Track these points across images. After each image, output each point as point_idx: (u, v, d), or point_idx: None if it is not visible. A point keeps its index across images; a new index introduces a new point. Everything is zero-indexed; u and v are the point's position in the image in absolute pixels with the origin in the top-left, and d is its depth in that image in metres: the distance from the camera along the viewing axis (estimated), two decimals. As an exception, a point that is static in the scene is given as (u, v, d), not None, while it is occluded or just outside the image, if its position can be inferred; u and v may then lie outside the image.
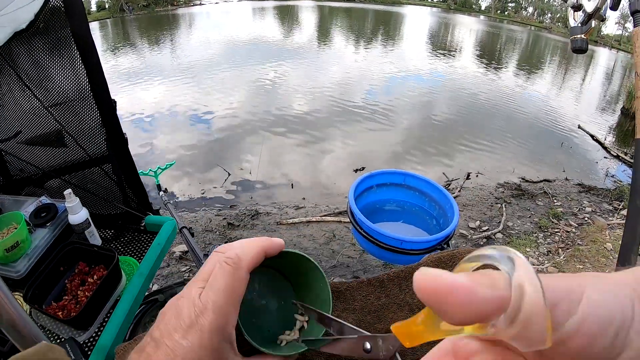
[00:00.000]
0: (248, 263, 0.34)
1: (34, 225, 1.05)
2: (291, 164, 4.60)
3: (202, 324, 0.30)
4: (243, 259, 0.34)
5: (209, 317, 0.31)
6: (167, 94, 6.57)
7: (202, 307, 0.31)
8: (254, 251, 0.35)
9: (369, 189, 1.54)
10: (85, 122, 1.12)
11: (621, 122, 7.58)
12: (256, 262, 0.35)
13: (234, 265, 0.33)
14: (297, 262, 0.40)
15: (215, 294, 0.32)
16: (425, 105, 7.21)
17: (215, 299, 0.31)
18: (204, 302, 0.31)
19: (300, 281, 0.42)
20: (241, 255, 0.34)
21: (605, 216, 3.73)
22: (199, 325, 0.30)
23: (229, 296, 0.32)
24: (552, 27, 37.87)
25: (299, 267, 0.40)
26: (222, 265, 0.33)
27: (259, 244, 0.36)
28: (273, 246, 0.37)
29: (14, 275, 0.94)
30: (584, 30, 1.10)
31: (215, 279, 0.33)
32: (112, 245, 1.16)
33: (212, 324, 0.31)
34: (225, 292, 0.32)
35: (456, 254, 0.75)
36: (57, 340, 0.86)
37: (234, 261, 0.33)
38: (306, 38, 14.06)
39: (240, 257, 0.34)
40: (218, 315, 0.31)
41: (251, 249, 0.35)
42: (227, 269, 0.33)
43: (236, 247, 0.35)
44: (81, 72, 1.02)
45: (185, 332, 0.30)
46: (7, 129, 1.27)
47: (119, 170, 1.17)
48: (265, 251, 0.36)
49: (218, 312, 0.31)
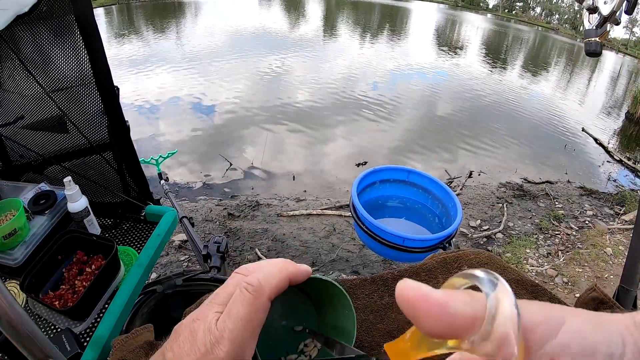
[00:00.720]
0: (271, 291, 0.32)
1: (32, 212, 1.04)
2: (293, 156, 4.58)
3: (217, 354, 0.29)
4: (265, 286, 0.31)
5: (225, 347, 0.29)
6: (170, 83, 6.53)
7: (219, 336, 0.29)
8: (277, 278, 0.33)
9: (372, 185, 1.53)
10: (87, 108, 1.10)
11: (625, 127, 7.55)
12: (279, 290, 0.33)
13: (255, 294, 0.31)
14: (323, 287, 0.38)
15: (233, 323, 0.30)
16: (429, 102, 7.18)
17: (233, 328, 0.29)
18: (220, 331, 0.30)
19: (326, 305, 0.40)
20: (264, 282, 0.32)
21: (606, 220, 3.72)
22: (214, 355, 0.29)
23: (247, 326, 0.30)
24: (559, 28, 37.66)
25: (325, 291, 0.38)
26: (243, 292, 0.31)
27: (284, 271, 0.33)
28: (298, 274, 0.34)
29: (11, 263, 0.93)
30: (599, 34, 1.09)
31: (234, 305, 0.31)
32: (111, 234, 1.15)
33: (228, 355, 0.29)
34: (244, 321, 0.30)
35: (462, 255, 0.74)
36: (53, 331, 0.85)
37: (255, 289, 0.31)
38: (312, 30, 13.96)
39: (262, 284, 0.31)
40: (235, 345, 0.29)
41: (275, 276, 0.33)
42: (248, 296, 0.31)
43: (259, 273, 0.32)
44: (84, 58, 1.00)
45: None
46: (8, 114, 1.25)
47: (120, 158, 1.15)
48: (290, 279, 0.34)
49: (235, 342, 0.29)
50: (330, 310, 0.39)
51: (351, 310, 0.37)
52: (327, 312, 0.40)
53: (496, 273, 0.20)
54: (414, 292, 0.20)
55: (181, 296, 1.22)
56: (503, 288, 0.19)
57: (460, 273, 0.21)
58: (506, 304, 0.18)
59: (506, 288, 0.19)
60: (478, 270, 0.20)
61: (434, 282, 0.68)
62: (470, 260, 0.71)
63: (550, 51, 19.98)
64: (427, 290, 0.20)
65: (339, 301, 0.38)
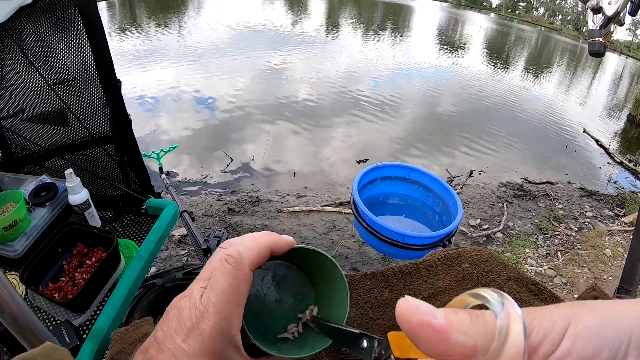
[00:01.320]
0: (251, 261, 0.32)
1: (33, 204, 1.04)
2: (294, 152, 4.57)
3: (203, 329, 0.29)
4: (245, 256, 0.32)
5: (210, 321, 0.29)
6: (172, 77, 6.51)
7: (203, 310, 0.30)
8: (257, 248, 0.33)
9: (373, 181, 1.53)
10: (89, 101, 1.10)
11: (626, 129, 7.54)
12: (260, 260, 0.33)
13: (235, 265, 0.31)
14: (313, 258, 0.38)
15: (215, 295, 0.30)
16: (430, 100, 7.16)
17: (216, 301, 0.30)
18: (204, 305, 0.30)
19: (318, 277, 0.40)
20: (243, 252, 0.32)
21: (606, 222, 3.72)
22: (200, 329, 0.29)
23: (230, 298, 0.30)
24: (562, 29, 37.57)
25: (315, 262, 0.38)
26: (223, 264, 0.31)
27: (264, 240, 0.33)
28: (280, 243, 0.34)
29: (11, 254, 0.93)
30: (603, 34, 1.09)
31: (216, 279, 0.31)
32: (112, 227, 1.15)
33: (213, 328, 0.29)
34: (227, 293, 0.30)
35: (462, 253, 0.74)
36: (52, 323, 0.85)
37: (235, 260, 0.31)
38: (314, 27, 13.92)
39: (242, 254, 0.31)
40: (219, 318, 0.29)
41: (254, 246, 0.33)
42: (228, 268, 0.31)
43: (238, 244, 0.32)
44: (87, 51, 1.00)
45: (187, 335, 0.29)
46: (10, 106, 1.25)
47: (122, 151, 1.15)
48: (271, 248, 0.34)
49: (219, 315, 0.29)
50: (322, 281, 0.40)
51: (342, 279, 0.37)
52: (321, 284, 0.40)
53: (505, 293, 0.20)
54: (416, 316, 0.20)
55: (181, 290, 1.22)
56: (513, 312, 0.19)
57: (470, 292, 0.21)
58: (515, 331, 0.18)
59: (516, 313, 0.19)
60: (488, 290, 0.20)
61: (434, 278, 0.68)
62: (471, 258, 0.71)
63: (553, 52, 19.93)
64: (428, 315, 0.20)
65: (330, 270, 0.38)
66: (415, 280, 0.69)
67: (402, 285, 0.67)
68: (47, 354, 0.29)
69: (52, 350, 0.30)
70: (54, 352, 0.30)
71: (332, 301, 0.38)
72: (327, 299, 0.39)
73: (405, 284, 0.68)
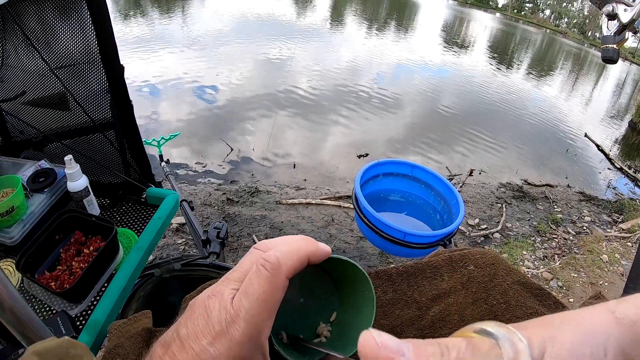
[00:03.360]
0: (288, 270, 0.30)
1: (31, 190, 1.02)
2: (294, 144, 4.55)
3: (233, 334, 0.28)
4: (283, 264, 0.30)
5: (240, 327, 0.28)
6: (174, 65, 6.45)
7: (234, 315, 0.28)
8: (296, 256, 0.31)
9: (375, 177, 1.51)
10: (91, 86, 1.07)
11: (627, 135, 7.53)
12: (298, 269, 0.31)
13: (272, 272, 0.29)
14: (342, 267, 0.36)
15: (249, 302, 0.29)
16: (433, 97, 7.14)
17: (249, 307, 0.28)
18: (236, 310, 0.28)
19: (345, 285, 0.39)
20: (282, 259, 0.30)
21: (604, 227, 3.72)
22: (229, 335, 0.28)
23: (264, 305, 0.29)
24: (567, 32, 37.44)
25: (345, 271, 0.37)
26: (260, 269, 0.30)
27: (304, 249, 0.32)
28: (318, 253, 0.33)
29: (7, 241, 0.92)
30: (617, 41, 1.08)
31: (250, 284, 0.29)
32: (111, 215, 1.13)
33: (243, 334, 0.28)
34: (260, 300, 0.29)
35: (467, 255, 0.72)
36: (48, 313, 0.84)
37: (272, 267, 0.29)
38: (319, 19, 13.83)
39: (280, 261, 0.30)
40: (250, 325, 0.28)
41: (294, 253, 0.31)
42: (265, 274, 0.29)
43: (277, 250, 0.31)
44: (91, 34, 0.98)
45: (214, 338, 0.28)
46: (10, 90, 1.23)
47: (123, 137, 1.13)
48: (309, 258, 0.32)
49: (251, 321, 0.28)
50: (350, 289, 0.39)
51: (371, 292, 0.36)
52: (347, 291, 0.39)
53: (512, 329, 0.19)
54: (382, 354, 0.19)
55: (179, 281, 1.21)
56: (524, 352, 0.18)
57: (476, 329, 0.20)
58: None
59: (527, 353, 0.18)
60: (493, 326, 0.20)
61: (439, 279, 0.67)
62: (477, 260, 0.70)
63: (557, 54, 19.87)
64: (395, 353, 0.19)
65: (359, 281, 0.37)
66: (419, 281, 0.68)
67: (406, 286, 0.66)
68: (65, 348, 0.28)
69: (70, 345, 0.28)
70: (72, 347, 0.28)
71: (356, 313, 0.37)
72: (351, 309, 0.38)
73: (409, 285, 0.67)
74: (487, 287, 0.66)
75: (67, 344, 0.28)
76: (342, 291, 0.40)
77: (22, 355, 0.28)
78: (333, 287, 0.40)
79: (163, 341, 0.30)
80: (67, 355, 0.28)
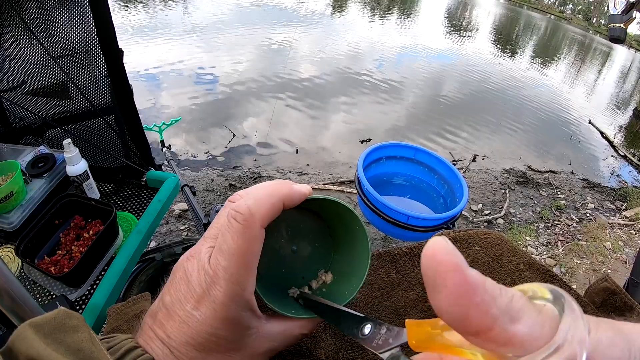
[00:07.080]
0: (262, 218, 0.28)
1: (30, 175, 1.01)
2: (297, 129, 4.52)
3: (215, 295, 0.26)
4: (255, 212, 0.28)
5: (221, 287, 0.26)
6: (175, 52, 6.39)
7: (213, 275, 0.27)
8: (269, 202, 0.29)
9: (378, 160, 1.49)
10: (90, 70, 1.06)
11: (632, 123, 7.46)
12: (272, 215, 0.29)
13: (244, 223, 0.27)
14: (333, 209, 0.34)
15: (225, 258, 0.27)
16: (436, 82, 7.07)
17: (226, 264, 0.27)
18: (214, 269, 0.27)
19: (338, 227, 0.37)
20: (253, 208, 0.28)
21: (607, 215, 3.70)
22: (212, 296, 0.27)
23: (241, 260, 0.27)
24: (572, 19, 36.94)
25: (337, 212, 0.35)
26: (231, 222, 0.27)
27: (277, 194, 0.29)
28: (294, 195, 0.30)
29: (6, 226, 0.91)
30: (624, 20, 1.06)
31: (224, 240, 0.27)
32: (111, 199, 1.12)
33: (225, 294, 0.26)
34: (236, 255, 0.27)
35: (472, 235, 0.71)
36: (48, 297, 0.83)
37: (244, 217, 0.27)
38: (321, 5, 13.67)
39: (252, 210, 0.27)
40: (231, 283, 0.27)
41: (266, 200, 0.28)
42: (237, 226, 0.27)
43: (248, 197, 0.29)
44: (88, 17, 0.96)
45: (197, 302, 0.27)
46: (9, 76, 1.21)
47: (123, 121, 1.12)
48: (284, 202, 0.30)
49: (230, 279, 0.27)
50: (342, 230, 0.36)
51: (362, 227, 0.34)
52: (340, 233, 0.37)
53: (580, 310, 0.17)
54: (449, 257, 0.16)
55: (180, 266, 1.21)
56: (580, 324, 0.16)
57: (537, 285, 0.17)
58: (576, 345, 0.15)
59: (585, 324, 0.15)
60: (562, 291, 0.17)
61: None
62: (481, 241, 0.69)
63: (562, 41, 19.61)
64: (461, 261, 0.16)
65: (350, 219, 0.35)
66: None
67: (410, 267, 0.65)
68: (61, 319, 0.26)
69: (66, 316, 0.27)
70: (68, 318, 0.27)
71: (352, 251, 0.36)
72: (347, 249, 0.36)
73: (413, 265, 0.65)
74: (492, 267, 0.65)
75: (62, 314, 0.27)
76: (336, 233, 0.38)
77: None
78: (325, 228, 0.38)
79: (151, 311, 0.29)
80: (63, 325, 0.26)
